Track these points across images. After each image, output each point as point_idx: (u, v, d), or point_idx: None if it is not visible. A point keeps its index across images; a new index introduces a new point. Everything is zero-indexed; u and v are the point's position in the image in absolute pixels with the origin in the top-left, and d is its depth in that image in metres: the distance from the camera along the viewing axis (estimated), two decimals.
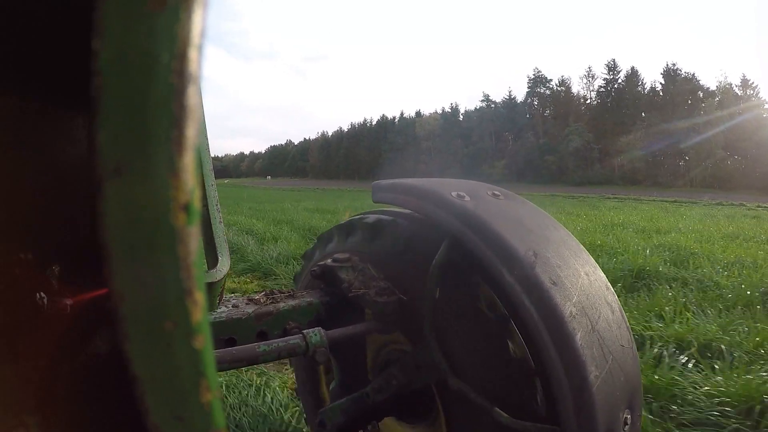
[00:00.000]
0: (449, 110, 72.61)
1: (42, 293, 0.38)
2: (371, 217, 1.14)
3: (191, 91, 0.22)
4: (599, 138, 53.14)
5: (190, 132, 0.22)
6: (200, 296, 0.24)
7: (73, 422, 0.40)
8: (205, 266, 1.14)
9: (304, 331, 0.89)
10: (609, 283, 0.90)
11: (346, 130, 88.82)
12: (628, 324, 0.87)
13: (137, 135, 0.21)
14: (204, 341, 0.25)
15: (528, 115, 62.91)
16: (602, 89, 57.89)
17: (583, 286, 0.81)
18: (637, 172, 48.79)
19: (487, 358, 0.84)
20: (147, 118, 0.21)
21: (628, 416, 0.79)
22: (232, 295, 1.29)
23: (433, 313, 0.88)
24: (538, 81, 63.22)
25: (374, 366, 1.18)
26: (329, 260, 1.10)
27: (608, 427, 0.73)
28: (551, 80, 63.04)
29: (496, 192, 0.97)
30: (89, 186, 0.26)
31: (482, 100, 68.82)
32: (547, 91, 62.71)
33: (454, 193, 0.89)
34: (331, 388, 1.16)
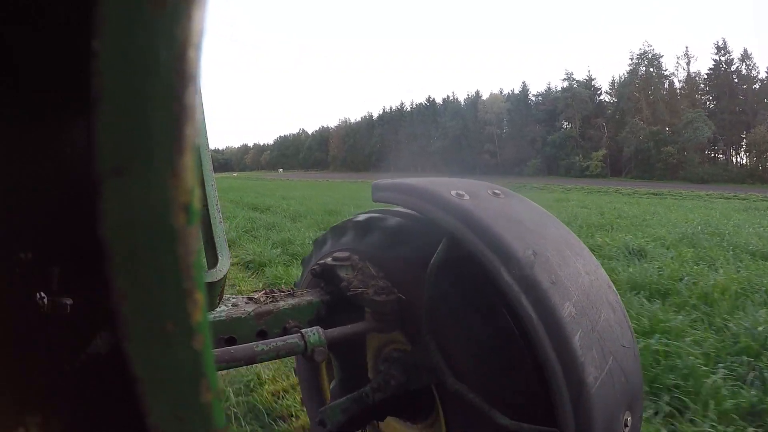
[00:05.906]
0: (518, 91, 58.84)
1: (42, 293, 0.38)
2: (363, 216, 1.14)
3: (191, 91, 0.22)
4: (717, 128, 43.59)
5: (190, 132, 0.22)
6: (200, 296, 0.24)
7: (73, 422, 0.40)
8: (205, 266, 1.14)
9: (303, 331, 0.89)
10: (611, 283, 0.89)
11: (376, 115, 75.28)
12: (630, 323, 0.86)
13: (137, 135, 0.21)
14: (203, 341, 0.25)
15: (633, 98, 49.02)
16: (710, 72, 46.78)
17: (584, 285, 0.80)
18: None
19: (486, 359, 0.84)
20: (147, 118, 0.21)
21: (629, 418, 0.78)
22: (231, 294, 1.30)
23: (431, 314, 0.87)
24: (644, 58, 49.63)
25: (375, 365, 1.17)
26: (329, 259, 1.10)
27: (607, 429, 0.73)
28: (662, 56, 49.31)
29: (496, 191, 0.97)
30: (89, 186, 0.26)
31: (564, 78, 55.17)
32: (660, 71, 48.98)
33: (453, 192, 0.88)
34: (331, 387, 1.15)
